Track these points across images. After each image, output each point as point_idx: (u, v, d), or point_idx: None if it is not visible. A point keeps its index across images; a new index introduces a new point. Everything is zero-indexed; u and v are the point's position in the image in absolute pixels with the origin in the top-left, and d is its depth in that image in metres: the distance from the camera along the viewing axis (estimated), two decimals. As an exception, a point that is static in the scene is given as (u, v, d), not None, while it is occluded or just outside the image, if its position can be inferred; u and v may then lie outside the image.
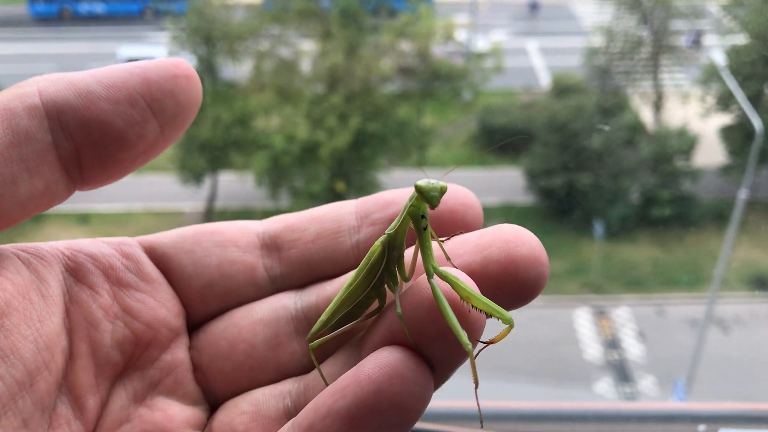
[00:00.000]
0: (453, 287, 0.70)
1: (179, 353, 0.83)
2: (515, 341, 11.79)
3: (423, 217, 0.76)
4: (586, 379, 11.00)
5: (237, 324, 0.84)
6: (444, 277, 0.70)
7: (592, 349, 11.54)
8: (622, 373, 11.16)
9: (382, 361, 0.64)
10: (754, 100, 13.42)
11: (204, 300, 0.85)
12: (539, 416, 2.04)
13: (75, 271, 0.79)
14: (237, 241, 0.87)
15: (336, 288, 0.85)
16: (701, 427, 2.03)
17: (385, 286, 0.81)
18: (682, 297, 12.72)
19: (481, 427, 0.80)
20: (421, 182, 0.74)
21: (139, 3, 18.35)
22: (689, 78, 15.80)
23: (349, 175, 13.42)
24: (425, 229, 0.76)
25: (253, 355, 0.83)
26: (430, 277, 0.71)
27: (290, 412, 0.78)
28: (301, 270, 0.87)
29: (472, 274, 0.73)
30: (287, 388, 0.81)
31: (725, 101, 14.11)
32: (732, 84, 12.88)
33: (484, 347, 0.74)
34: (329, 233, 0.86)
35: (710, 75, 14.29)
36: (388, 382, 0.62)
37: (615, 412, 2.26)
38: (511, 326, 0.72)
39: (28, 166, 0.70)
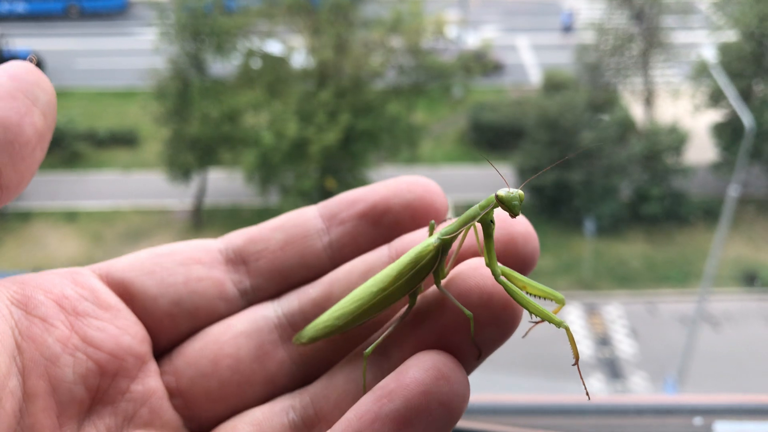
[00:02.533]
0: (511, 281, 0.74)
1: (150, 382, 0.78)
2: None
3: (491, 222, 0.77)
4: (577, 375, 10.99)
5: (217, 340, 0.80)
6: (506, 275, 0.75)
7: (583, 346, 11.55)
8: (612, 369, 11.17)
9: (426, 364, 0.66)
10: (744, 96, 13.47)
11: (174, 319, 0.81)
12: (535, 410, 2.00)
13: (24, 304, 0.72)
14: (200, 258, 0.83)
15: (323, 290, 0.82)
16: (697, 419, 2.00)
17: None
18: (673, 293, 12.75)
19: (588, 399, 0.84)
20: (502, 192, 0.76)
21: (63, 1, 18.36)
22: (680, 74, 15.85)
23: (339, 172, 13.39)
24: (491, 234, 0.77)
25: (240, 370, 0.79)
26: (497, 277, 0.74)
27: (297, 426, 0.76)
28: (273, 279, 0.84)
29: (477, 253, 0.77)
30: (287, 403, 0.78)
31: (715, 98, 14.16)
32: (722, 81, 12.91)
33: (534, 326, 0.82)
34: (297, 238, 0.84)
35: (700, 72, 14.34)
36: (436, 383, 0.64)
37: (612, 406, 2.21)
38: (563, 305, 0.79)
39: None
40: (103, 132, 15.45)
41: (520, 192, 0.77)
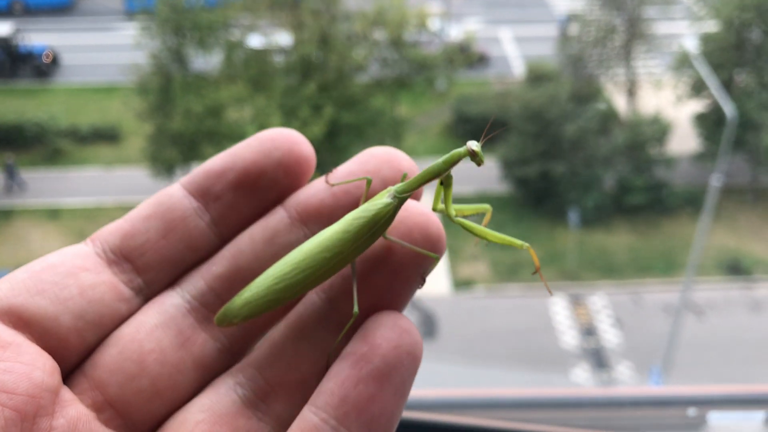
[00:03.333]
0: (470, 228, 0.85)
1: (70, 411, 0.71)
2: (491, 329, 11.83)
3: (450, 174, 0.85)
4: (563, 365, 11.07)
5: (134, 339, 0.76)
6: (461, 224, 0.85)
7: (569, 337, 11.61)
8: (598, 359, 11.24)
9: (389, 322, 0.71)
10: (726, 86, 13.57)
11: (80, 334, 0.75)
12: (530, 403, 2.00)
13: None
14: (83, 265, 0.77)
15: (228, 265, 0.80)
16: (691, 410, 2.01)
17: None
18: (657, 283, 12.84)
19: (551, 294, 0.93)
20: (474, 145, 0.84)
21: None
22: (662, 65, 15.92)
23: (324, 166, 13.22)
24: (450, 185, 0.86)
25: (167, 361, 0.76)
26: (453, 218, 0.85)
27: (250, 400, 0.73)
28: (164, 270, 0.80)
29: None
30: (230, 381, 0.75)
31: (698, 88, 14.25)
32: (704, 71, 12.99)
33: (534, 273, 0.91)
34: (177, 223, 0.80)
35: (682, 62, 14.41)
36: (401, 338, 0.70)
37: (607, 398, 2.22)
38: (526, 247, 0.87)
39: None
40: (85, 128, 15.31)
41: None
